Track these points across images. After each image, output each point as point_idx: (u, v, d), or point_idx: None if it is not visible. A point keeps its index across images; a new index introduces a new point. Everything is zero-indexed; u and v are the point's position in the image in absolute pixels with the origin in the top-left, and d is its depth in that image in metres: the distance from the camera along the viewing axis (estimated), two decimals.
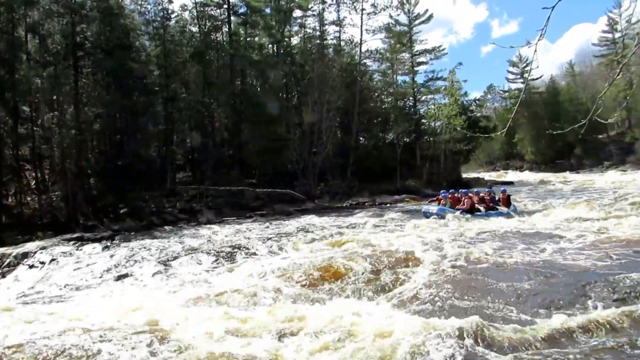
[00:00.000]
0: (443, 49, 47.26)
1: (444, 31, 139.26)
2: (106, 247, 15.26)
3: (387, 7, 40.92)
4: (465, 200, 18.56)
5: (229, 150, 31.79)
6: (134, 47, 26.93)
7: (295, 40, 40.75)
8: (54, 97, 22.82)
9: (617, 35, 57.92)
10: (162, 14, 29.51)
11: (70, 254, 14.21)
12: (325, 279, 9.35)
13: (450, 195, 19.34)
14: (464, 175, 49.15)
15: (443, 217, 17.83)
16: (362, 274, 9.53)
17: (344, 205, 29.53)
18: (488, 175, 56.97)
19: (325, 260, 10.81)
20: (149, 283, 10.54)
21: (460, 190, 20.36)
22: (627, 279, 7.93)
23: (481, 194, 20.05)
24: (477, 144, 50.74)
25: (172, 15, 31.09)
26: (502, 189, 23.42)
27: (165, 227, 21.43)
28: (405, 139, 41.68)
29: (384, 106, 44.72)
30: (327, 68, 35.60)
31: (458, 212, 18.07)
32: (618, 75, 4.71)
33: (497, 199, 19.85)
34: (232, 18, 34.06)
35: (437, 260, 10.38)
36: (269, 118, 30.79)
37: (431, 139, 42.48)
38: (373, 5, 40.12)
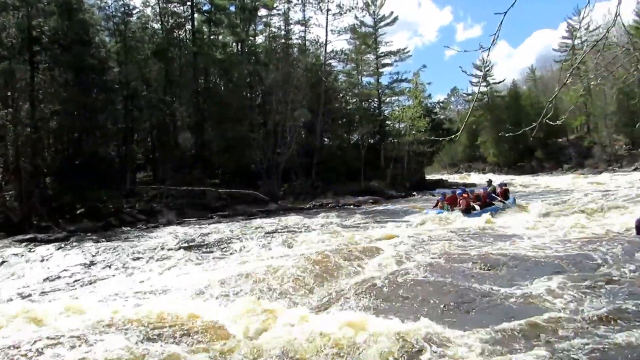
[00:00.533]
0: (408, 51, 47.82)
1: (409, 34, 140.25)
2: (60, 249, 14.80)
3: (352, 8, 41.21)
4: (461, 201, 18.33)
5: (191, 149, 31.30)
6: (94, 42, 26.11)
7: (260, 39, 40.67)
8: (8, 94, 21.96)
9: (577, 41, 59.43)
10: (123, 9, 29.02)
11: (22, 255, 13.75)
12: (276, 283, 9.02)
13: (446, 197, 19.23)
14: (428, 177, 49.65)
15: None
16: (312, 276, 9.28)
17: (308, 206, 29.36)
18: (451, 177, 57.69)
19: (279, 264, 10.43)
20: (101, 286, 10.18)
21: (455, 191, 20.28)
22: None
23: (476, 192, 20.04)
24: (441, 146, 51.34)
25: (134, 11, 30.61)
26: (499, 182, 23.68)
27: (124, 227, 21.04)
28: (369, 140, 41.73)
29: (348, 107, 44.83)
30: (292, 67, 35.47)
31: (455, 214, 17.66)
32: (568, 79, 4.73)
33: (495, 192, 20.03)
34: (196, 15, 33.74)
35: (385, 261, 10.22)
36: (232, 117, 30.47)
37: (395, 140, 42.76)
38: (338, 6, 40.34)
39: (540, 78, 71.64)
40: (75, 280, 10.74)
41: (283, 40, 39.93)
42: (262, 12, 39.32)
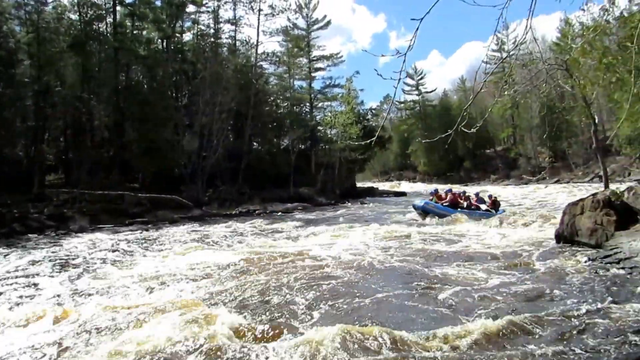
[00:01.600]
0: (341, 57, 47.49)
1: (343, 39, 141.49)
2: None
3: (285, 10, 40.46)
4: (449, 196, 20.90)
5: (109, 151, 29.33)
6: (1, 32, 24.16)
7: (187, 37, 39.15)
8: None
9: (505, 54, 61.19)
10: None
11: None
12: (187, 290, 8.72)
13: (436, 194, 21.51)
14: (359, 185, 49.57)
15: (426, 212, 20.08)
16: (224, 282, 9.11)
17: (234, 212, 28.34)
18: (382, 185, 58.03)
19: (192, 271, 10.20)
20: None
21: (445, 190, 22.91)
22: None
23: (467, 194, 22.56)
24: (373, 154, 51.47)
25: (49, 0, 28.26)
26: (488, 194, 25.35)
27: (29, 235, 19.26)
28: (300, 146, 41.03)
29: (279, 111, 43.95)
30: (221, 68, 34.21)
31: (440, 206, 20.31)
32: (481, 89, 4.57)
33: (484, 200, 22.11)
34: (118, 8, 31.81)
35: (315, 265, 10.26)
36: (155, 118, 28.84)
37: (326, 146, 42.22)
38: (271, 6, 39.48)
39: (470, 89, 73.54)
40: None
41: (212, 39, 38.54)
42: (191, 8, 37.80)
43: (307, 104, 45.98)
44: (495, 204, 21.38)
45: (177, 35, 36.68)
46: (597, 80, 10.19)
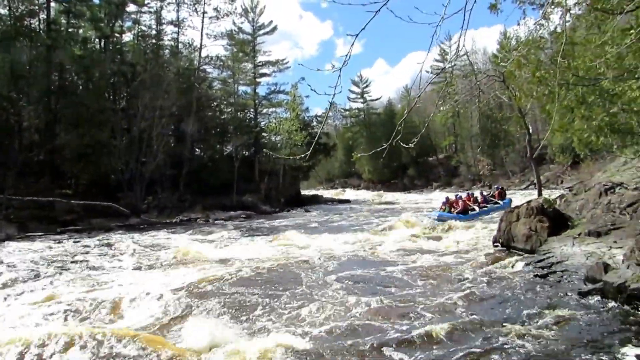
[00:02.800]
0: (287, 63, 46.90)
1: (289, 45, 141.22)
2: None
3: (230, 13, 39.68)
4: (460, 203, 21.63)
5: (39, 154, 27.60)
6: None
7: (127, 37, 37.72)
8: None
9: (447, 65, 62.32)
10: None
11: None
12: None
13: (448, 201, 22.23)
14: (304, 192, 49.18)
15: (443, 221, 19.96)
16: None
17: (174, 221, 27.39)
18: (327, 193, 57.84)
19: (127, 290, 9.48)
20: None
21: (456, 195, 23.82)
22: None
23: (475, 195, 23.81)
24: (317, 161, 51.21)
25: None
26: (496, 186, 27.22)
27: None
28: (244, 152, 40.16)
29: (223, 116, 43.05)
30: (162, 70, 33.15)
31: (454, 215, 20.71)
32: (415, 104, 4.50)
33: (491, 194, 23.87)
34: (53, 4, 30.24)
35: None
36: (90, 120, 27.36)
37: (271, 153, 41.54)
38: (216, 9, 38.62)
39: (413, 98, 74.68)
40: None
41: (153, 41, 37.32)
42: (131, 7, 36.35)
43: (252, 110, 45.22)
44: (501, 195, 23.26)
45: (117, 35, 35.25)
46: (530, 93, 10.52)
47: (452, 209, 21.40)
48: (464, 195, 23.93)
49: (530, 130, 29.97)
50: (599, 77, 8.61)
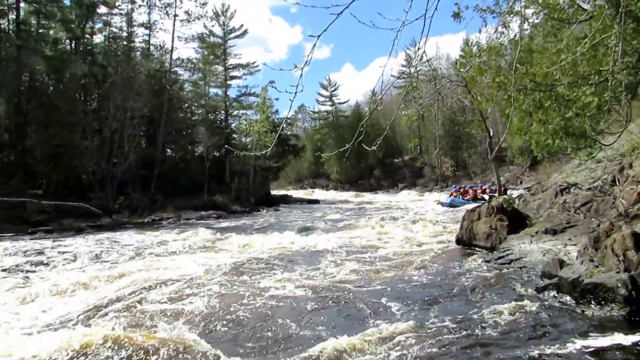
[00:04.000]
0: (257, 66, 47.37)
1: (260, 49, 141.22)
2: None
3: (201, 17, 39.96)
4: (470, 191, 27.33)
5: (10, 155, 27.51)
6: None
7: (98, 39, 37.70)
8: None
9: (413, 70, 63.57)
10: None
11: None
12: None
13: (460, 190, 28.42)
14: (273, 192, 49.59)
15: (454, 206, 24.89)
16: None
17: (146, 221, 27.51)
18: (296, 193, 58.35)
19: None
20: None
21: (466, 185, 29.80)
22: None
23: (484, 187, 30.19)
24: (287, 162, 51.74)
25: None
26: (502, 182, 31.28)
27: None
28: (215, 153, 40.47)
29: (194, 118, 43.22)
30: (133, 72, 33.24)
31: (465, 201, 26.22)
32: (376, 107, 4.99)
33: (494, 189, 27.79)
34: (22, 5, 29.94)
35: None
36: (61, 121, 27.42)
37: (241, 154, 41.78)
38: (187, 12, 38.86)
39: (379, 102, 75.69)
40: None
41: (125, 42, 37.40)
42: (102, 9, 36.37)
43: (223, 112, 45.58)
44: (505, 191, 25.61)
45: (87, 36, 35.23)
46: (491, 97, 11.10)
47: (463, 197, 26.30)
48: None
49: (491, 133, 31.06)
50: (555, 83, 8.89)
